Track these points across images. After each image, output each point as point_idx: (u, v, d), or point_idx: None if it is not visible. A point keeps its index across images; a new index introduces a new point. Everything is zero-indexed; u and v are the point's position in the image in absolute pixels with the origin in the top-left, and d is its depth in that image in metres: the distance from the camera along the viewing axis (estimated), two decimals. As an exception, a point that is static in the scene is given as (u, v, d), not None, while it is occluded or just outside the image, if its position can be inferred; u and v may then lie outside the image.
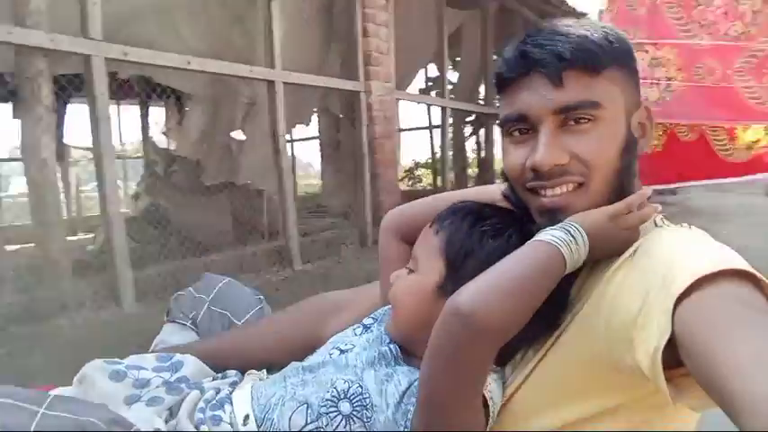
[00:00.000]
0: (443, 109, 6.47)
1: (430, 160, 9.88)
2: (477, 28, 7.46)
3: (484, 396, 0.78)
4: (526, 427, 0.82)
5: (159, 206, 5.03)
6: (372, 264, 4.37)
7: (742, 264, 0.65)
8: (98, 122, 2.88)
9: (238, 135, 5.17)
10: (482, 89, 8.05)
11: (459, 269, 0.84)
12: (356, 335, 0.96)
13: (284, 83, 4.15)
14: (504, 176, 0.90)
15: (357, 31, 4.89)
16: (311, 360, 0.93)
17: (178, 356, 0.99)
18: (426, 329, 0.74)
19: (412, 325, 0.86)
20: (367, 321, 0.99)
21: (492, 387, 0.81)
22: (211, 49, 4.03)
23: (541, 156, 0.80)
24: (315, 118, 6.23)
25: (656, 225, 0.85)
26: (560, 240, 0.74)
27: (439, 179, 9.48)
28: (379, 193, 5.06)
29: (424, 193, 8.52)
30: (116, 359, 0.95)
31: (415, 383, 0.80)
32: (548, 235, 0.75)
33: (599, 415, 0.77)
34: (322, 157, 6.48)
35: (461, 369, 0.71)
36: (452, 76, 8.38)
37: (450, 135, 6.60)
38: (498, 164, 8.56)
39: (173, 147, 6.59)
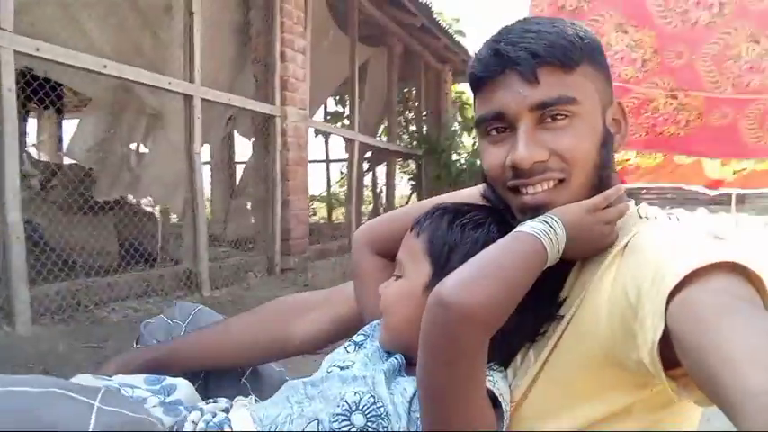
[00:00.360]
0: (351, 142, 6.43)
1: (325, 193, 9.80)
2: (383, 66, 7.59)
3: (493, 393, 0.77)
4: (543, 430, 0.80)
5: (33, 224, 4.49)
6: (282, 292, 4.18)
7: (730, 255, 0.65)
8: (2, 123, 2.51)
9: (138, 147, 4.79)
10: (384, 128, 8.15)
11: (444, 266, 0.83)
12: (349, 352, 0.92)
13: (202, 99, 3.91)
14: (484, 178, 0.90)
15: (275, 54, 4.77)
16: (312, 377, 0.88)
17: (169, 380, 0.95)
18: (414, 335, 0.74)
19: (407, 331, 0.82)
20: (358, 338, 0.94)
21: (500, 385, 0.80)
22: (120, 55, 3.70)
23: (521, 153, 0.79)
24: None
25: (640, 217, 0.85)
26: (540, 231, 0.75)
27: (337, 213, 9.42)
28: (289, 221, 4.88)
29: (320, 226, 8.35)
30: (104, 375, 0.95)
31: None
32: (527, 226, 0.76)
33: (613, 415, 0.76)
34: (213, 181, 6.20)
35: (453, 359, 0.69)
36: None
37: (355, 169, 6.54)
38: (399, 201, 8.68)
39: (52, 159, 5.97)
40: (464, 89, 10.46)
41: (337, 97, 9.74)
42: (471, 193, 0.99)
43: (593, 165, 0.81)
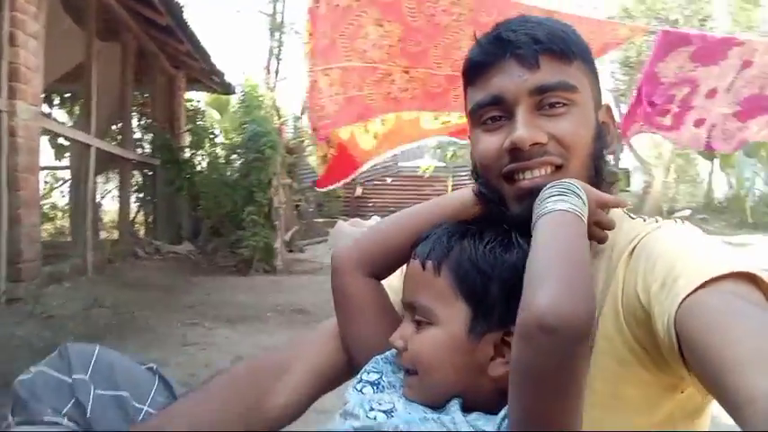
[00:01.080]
0: (86, 147, 5.59)
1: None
2: (117, 63, 6.81)
3: None
4: None
5: None
6: (16, 329, 3.41)
7: (741, 265, 0.67)
8: None
9: None
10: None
11: (484, 302, 0.74)
12: (366, 394, 0.80)
13: None
14: (474, 171, 0.87)
15: (2, 36, 3.91)
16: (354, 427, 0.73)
17: None
18: (466, 383, 0.72)
19: (451, 385, 0.75)
20: (372, 377, 0.82)
21: None
22: None
23: (520, 133, 0.77)
24: None
25: (644, 221, 0.85)
26: (576, 207, 0.71)
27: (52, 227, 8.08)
28: (19, 240, 4.02)
29: (58, 245, 7.03)
30: None
31: (504, 424, 0.69)
32: (564, 203, 0.71)
33: (661, 424, 0.78)
34: None
35: (568, 384, 0.62)
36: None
37: (91, 178, 5.70)
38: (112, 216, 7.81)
39: None
40: (197, 97, 9.99)
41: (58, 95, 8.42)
42: (455, 199, 0.91)
43: (589, 154, 0.80)
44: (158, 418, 0.84)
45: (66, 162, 9.11)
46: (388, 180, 15.15)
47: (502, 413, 0.69)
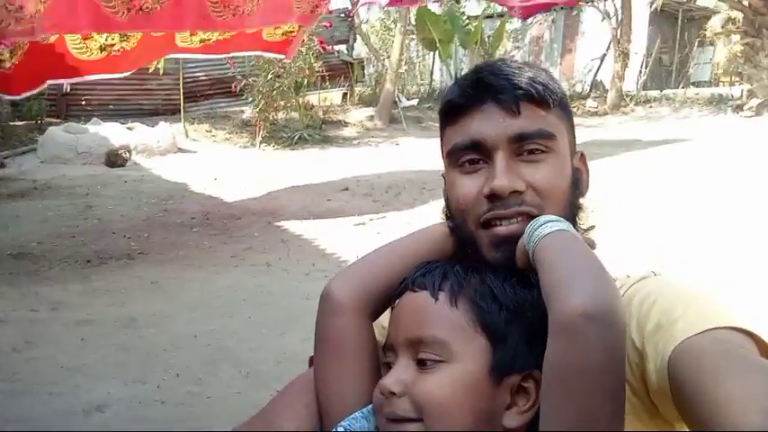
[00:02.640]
0: None
1: None
2: None
3: None
4: None
5: None
6: None
7: (740, 321, 0.69)
8: None
9: None
10: None
11: (505, 340, 0.71)
12: None
13: None
14: (448, 215, 0.87)
15: None
16: None
17: None
18: (483, 425, 0.68)
19: (472, 427, 0.69)
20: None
21: None
22: None
23: (500, 181, 0.78)
24: None
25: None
26: (562, 227, 0.74)
27: None
28: None
29: None
30: None
31: None
32: (555, 225, 0.74)
33: None
34: None
35: (620, 384, 0.62)
36: None
37: None
38: None
39: None
40: None
41: None
42: (436, 232, 0.87)
43: (565, 201, 0.81)
44: None
45: None
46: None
47: None
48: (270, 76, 11.41)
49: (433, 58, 16.34)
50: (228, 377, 3.53)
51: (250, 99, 12.09)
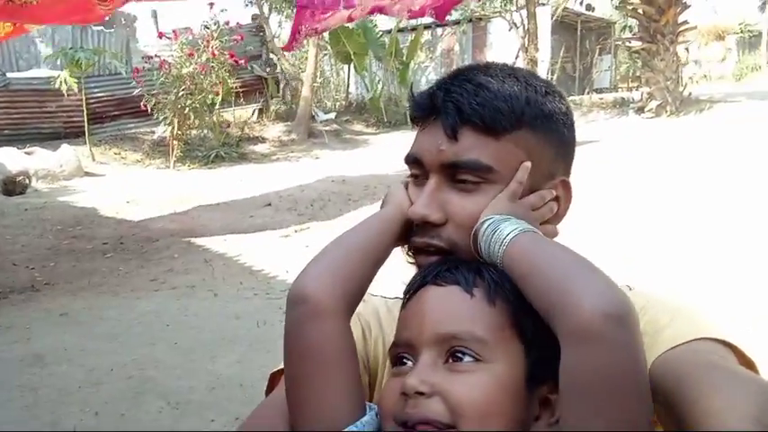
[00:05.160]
0: None
1: None
2: None
3: None
4: None
5: None
6: None
7: (718, 332, 0.69)
8: None
9: None
10: None
11: (537, 347, 0.65)
12: None
13: None
14: None
15: None
16: None
17: None
18: None
19: None
20: None
21: None
22: None
23: (415, 207, 0.76)
24: None
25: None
26: (523, 227, 0.71)
27: None
28: None
29: None
30: None
31: None
32: (517, 225, 0.71)
33: None
34: None
35: (646, 387, 0.59)
36: None
37: None
38: None
39: None
40: None
41: None
42: (385, 218, 0.80)
43: None
44: None
45: None
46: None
47: None
48: (181, 93, 10.96)
49: (348, 71, 16.33)
50: (155, 410, 3.22)
51: (161, 118, 11.55)
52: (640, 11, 12.30)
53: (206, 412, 3.17)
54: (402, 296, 0.75)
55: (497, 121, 0.75)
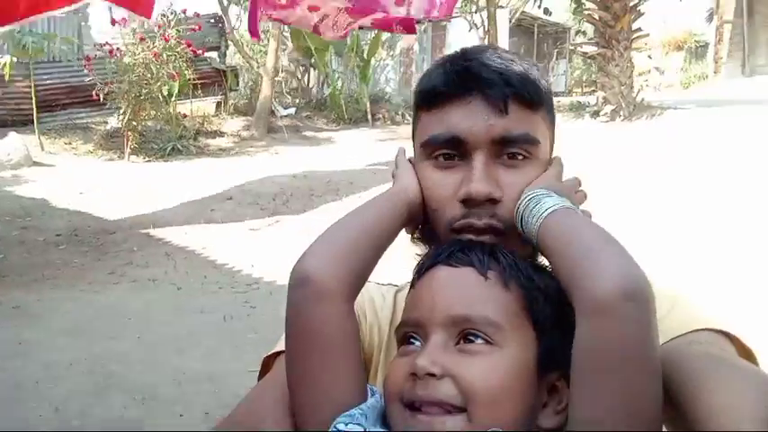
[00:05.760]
0: None
1: None
2: None
3: None
4: None
5: None
6: None
7: (717, 323, 0.70)
8: None
9: None
10: None
11: (549, 333, 0.66)
12: None
13: None
14: (424, 213, 0.79)
15: None
16: None
17: None
18: (524, 423, 0.62)
19: (514, 423, 0.62)
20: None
21: None
22: None
23: (477, 185, 0.73)
24: None
25: None
26: (563, 204, 0.70)
27: None
28: None
29: None
30: None
31: None
32: (558, 201, 0.70)
33: None
34: None
35: (658, 368, 0.59)
36: None
37: None
38: None
39: None
40: None
41: None
42: (395, 203, 0.78)
43: None
44: None
45: None
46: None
47: None
48: (134, 77, 10.61)
49: (309, 66, 16.18)
50: (120, 405, 3.12)
51: (114, 108, 11.17)
52: (596, 16, 12.61)
53: (174, 407, 3.09)
54: (413, 275, 0.74)
55: (538, 95, 0.75)
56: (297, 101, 15.78)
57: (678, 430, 0.62)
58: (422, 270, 0.71)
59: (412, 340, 0.67)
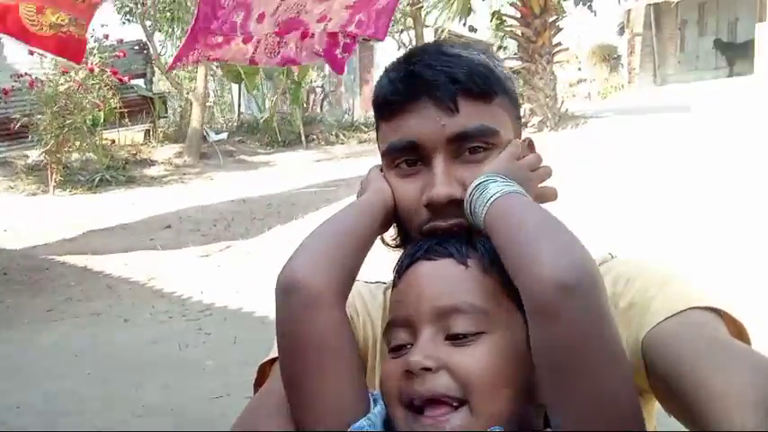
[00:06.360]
0: None
1: None
2: None
3: None
4: None
5: None
6: None
7: (708, 299, 0.69)
8: None
9: None
10: None
11: (520, 304, 0.64)
12: None
13: None
14: (396, 218, 0.79)
15: None
16: None
17: None
18: (516, 411, 0.61)
19: (507, 414, 0.61)
20: None
21: None
22: None
23: (438, 190, 0.73)
24: None
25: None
26: (509, 188, 0.69)
27: None
28: None
29: None
30: None
31: None
32: (504, 187, 0.68)
33: None
34: None
35: (622, 357, 0.58)
36: None
37: None
38: None
39: None
40: None
41: None
42: (373, 205, 0.77)
43: None
44: None
45: None
46: None
47: None
48: (56, 108, 10.16)
49: (239, 90, 16.00)
50: (77, 445, 2.95)
51: (36, 140, 10.65)
52: (519, 32, 13.14)
53: (137, 442, 2.95)
54: (393, 275, 0.73)
55: (488, 86, 0.74)
56: (229, 125, 15.55)
57: (678, 415, 0.62)
58: (402, 268, 0.71)
59: (402, 345, 0.66)
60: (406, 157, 0.76)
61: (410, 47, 14.93)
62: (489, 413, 0.60)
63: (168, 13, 14.62)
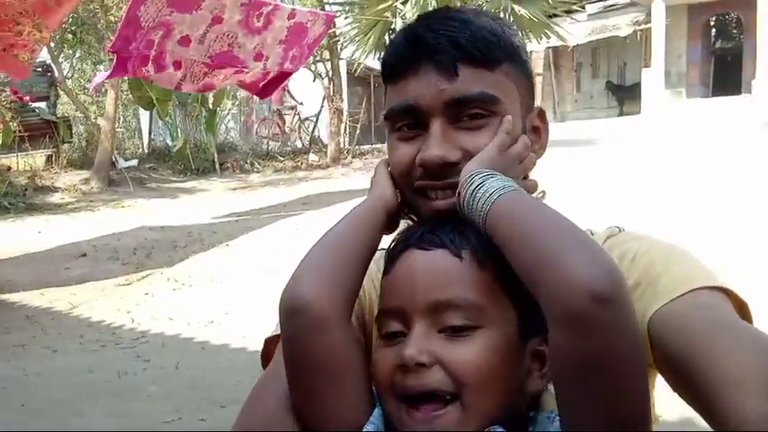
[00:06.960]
0: None
1: None
2: None
3: None
4: None
5: None
6: None
7: (714, 279, 0.69)
8: None
9: None
10: None
11: (526, 301, 0.62)
12: None
13: None
14: (392, 179, 0.79)
15: None
16: None
17: None
18: (509, 402, 0.63)
19: (500, 407, 0.62)
20: None
21: None
22: None
23: (432, 152, 0.72)
24: None
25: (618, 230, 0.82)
26: (510, 185, 0.67)
27: None
28: None
29: None
30: None
31: None
32: (504, 183, 0.67)
33: None
34: None
35: (644, 371, 0.58)
36: None
37: None
38: None
39: None
40: None
41: None
42: (371, 214, 0.76)
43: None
44: None
45: None
46: None
47: None
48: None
49: (151, 116, 15.55)
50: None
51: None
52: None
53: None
54: (384, 258, 0.72)
55: (492, 53, 0.73)
56: (138, 152, 15.03)
57: (687, 399, 0.63)
58: (394, 253, 0.70)
59: (394, 332, 0.66)
60: (405, 120, 0.76)
61: (325, 78, 15.20)
62: (482, 408, 0.61)
63: (71, 36, 14.05)
